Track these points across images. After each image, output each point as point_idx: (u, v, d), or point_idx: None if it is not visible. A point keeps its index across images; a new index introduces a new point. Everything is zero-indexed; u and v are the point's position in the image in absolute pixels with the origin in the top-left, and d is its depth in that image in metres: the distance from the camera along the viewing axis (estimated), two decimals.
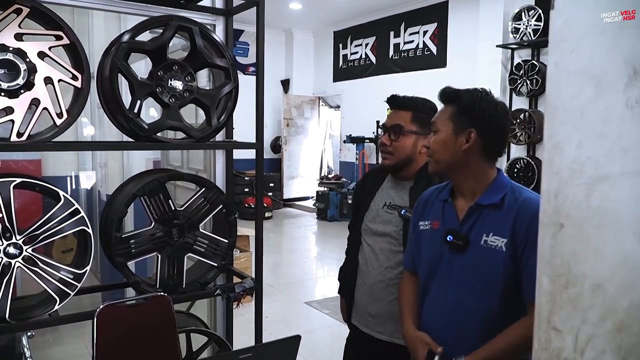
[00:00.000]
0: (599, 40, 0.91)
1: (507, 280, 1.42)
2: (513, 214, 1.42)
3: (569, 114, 0.93)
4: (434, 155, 1.54)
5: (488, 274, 1.44)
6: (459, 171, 1.52)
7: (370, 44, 9.63)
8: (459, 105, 1.50)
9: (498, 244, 1.42)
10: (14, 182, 1.84)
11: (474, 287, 1.47)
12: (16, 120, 1.80)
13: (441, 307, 1.54)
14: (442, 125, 1.52)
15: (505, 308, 1.43)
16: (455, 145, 1.49)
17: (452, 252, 1.51)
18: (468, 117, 1.48)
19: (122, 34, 2.05)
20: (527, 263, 1.39)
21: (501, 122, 1.51)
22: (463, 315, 1.48)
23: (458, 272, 1.50)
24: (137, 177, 2.36)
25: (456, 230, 1.50)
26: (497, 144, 1.52)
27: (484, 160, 1.51)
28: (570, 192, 0.92)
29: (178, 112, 2.14)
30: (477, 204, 1.49)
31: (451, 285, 1.51)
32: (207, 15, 2.52)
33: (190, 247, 2.28)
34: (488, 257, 1.44)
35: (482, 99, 1.49)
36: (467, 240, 1.47)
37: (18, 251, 1.87)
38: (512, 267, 1.41)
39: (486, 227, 1.46)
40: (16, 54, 1.78)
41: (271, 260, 6.66)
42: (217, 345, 2.53)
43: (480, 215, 1.48)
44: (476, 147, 1.48)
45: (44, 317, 1.98)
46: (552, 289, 0.93)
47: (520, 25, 5.99)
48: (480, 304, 1.45)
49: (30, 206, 4.02)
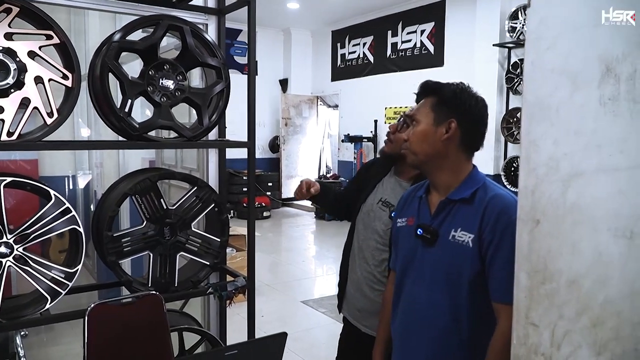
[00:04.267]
0: (574, 39, 0.92)
1: (473, 277, 1.41)
2: (481, 210, 1.42)
3: (545, 111, 0.94)
4: (413, 146, 1.53)
5: (455, 269, 1.44)
6: (436, 164, 1.52)
7: (368, 43, 9.63)
8: (440, 96, 1.51)
9: (465, 239, 1.42)
10: (5, 182, 1.84)
11: (442, 282, 1.47)
12: (6, 120, 1.81)
13: (413, 302, 1.54)
14: (422, 116, 1.53)
15: (472, 304, 1.43)
16: (435, 136, 1.49)
17: (423, 246, 1.51)
18: (448, 107, 1.49)
19: (113, 33, 2.05)
20: (492, 261, 1.38)
21: (480, 114, 1.51)
22: (432, 310, 1.48)
23: (428, 267, 1.50)
24: (129, 176, 2.36)
25: (426, 224, 1.51)
26: (476, 136, 1.52)
27: (461, 152, 1.51)
28: (547, 188, 0.93)
29: (169, 111, 2.14)
30: (448, 199, 1.49)
31: (423, 280, 1.51)
32: (200, 15, 2.53)
33: (183, 245, 2.28)
34: (455, 252, 1.44)
35: (463, 91, 1.50)
36: (437, 234, 1.47)
37: (9, 250, 1.87)
38: (479, 265, 1.40)
39: (455, 222, 1.46)
40: (6, 54, 1.78)
41: (269, 259, 6.67)
42: (210, 344, 2.53)
43: (451, 210, 1.48)
44: (455, 138, 1.48)
45: (35, 316, 1.98)
46: (529, 285, 0.94)
47: (516, 24, 6.00)
48: (448, 299, 1.45)
49: (26, 205, 4.02)
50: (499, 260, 1.35)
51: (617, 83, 0.84)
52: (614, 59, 0.85)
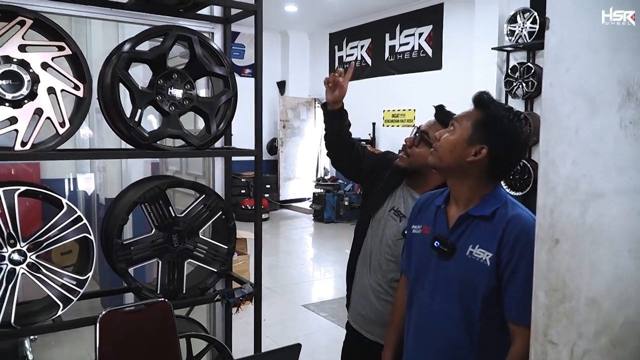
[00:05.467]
0: (593, 61, 0.94)
1: (488, 294, 1.41)
2: (501, 229, 1.40)
3: (564, 131, 0.96)
4: (440, 151, 1.50)
5: (469, 285, 1.44)
6: (457, 176, 1.50)
7: (365, 46, 9.66)
8: (485, 116, 1.46)
9: (483, 257, 1.41)
10: (19, 190, 1.86)
11: (455, 296, 1.47)
12: (20, 130, 1.82)
13: (426, 313, 1.54)
14: (461, 127, 1.48)
15: (485, 320, 1.43)
16: (464, 152, 1.45)
17: (438, 258, 1.51)
18: (487, 133, 1.44)
19: (122, 43, 2.07)
20: (510, 282, 1.37)
21: (517, 151, 1.47)
22: (444, 322, 1.49)
23: (442, 279, 1.50)
24: (138, 184, 2.38)
25: (443, 237, 1.50)
26: (503, 170, 1.51)
27: (485, 178, 1.48)
28: (566, 208, 0.95)
29: (178, 120, 2.16)
30: (468, 214, 1.48)
31: (436, 292, 1.51)
32: (206, 24, 2.54)
33: (190, 253, 2.30)
34: (471, 268, 1.43)
35: (510, 122, 1.44)
36: (454, 248, 1.47)
37: (22, 258, 1.89)
38: (495, 283, 1.40)
39: (473, 238, 1.45)
40: (20, 65, 1.79)
41: (268, 262, 6.68)
42: (217, 350, 2.55)
43: (470, 225, 1.47)
44: (481, 164, 1.45)
45: (48, 323, 2.00)
46: (547, 303, 0.96)
47: (515, 28, 6.03)
48: (461, 313, 1.45)
49: (30, 212, 4.04)
50: (517, 281, 1.35)
51: (638, 107, 0.86)
52: (635, 82, 0.87)
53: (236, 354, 2.64)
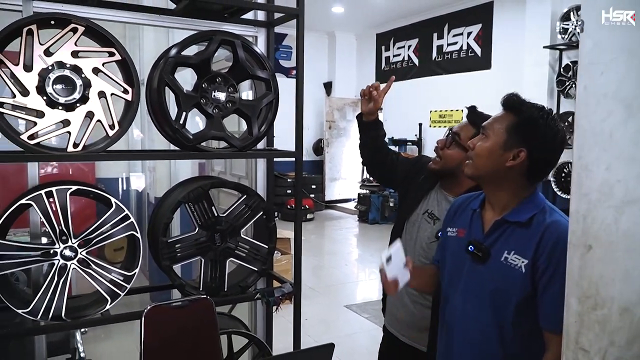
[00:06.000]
0: (629, 64, 0.92)
1: (521, 300, 1.39)
2: (538, 236, 1.38)
3: (598, 136, 0.94)
4: (476, 160, 1.48)
5: (503, 290, 1.42)
6: (494, 183, 1.48)
7: (412, 46, 9.58)
8: (519, 119, 1.43)
9: (518, 263, 1.39)
10: (70, 190, 1.96)
11: (488, 301, 1.45)
12: (72, 132, 1.92)
13: (458, 316, 1.53)
14: (494, 133, 1.45)
15: (517, 326, 1.41)
16: (501, 158, 1.43)
17: (472, 262, 1.49)
18: (524, 135, 1.41)
19: (169, 48, 2.15)
20: (546, 290, 1.35)
21: (555, 150, 1.44)
22: (476, 326, 1.48)
23: (475, 284, 1.48)
24: (183, 184, 2.46)
25: (478, 242, 1.48)
26: (544, 169, 1.47)
27: (524, 181, 1.45)
28: (599, 214, 0.93)
29: (221, 122, 2.23)
30: (504, 219, 1.45)
31: (468, 296, 1.50)
32: (250, 28, 2.60)
33: (232, 251, 2.36)
34: (505, 274, 1.41)
35: (544, 120, 1.41)
36: (488, 253, 1.45)
37: (73, 254, 1.99)
38: (530, 290, 1.38)
39: (509, 244, 1.43)
40: (73, 70, 1.89)
41: (312, 262, 6.73)
42: (257, 348, 2.60)
43: (505, 231, 1.45)
44: (520, 168, 1.42)
45: (97, 316, 2.10)
46: (580, 310, 0.94)
47: (568, 26, 5.85)
48: (493, 318, 1.44)
49: (85, 209, 4.24)
50: (553, 289, 1.32)
51: None
52: None
53: (276, 352, 2.69)
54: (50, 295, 1.96)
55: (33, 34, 1.84)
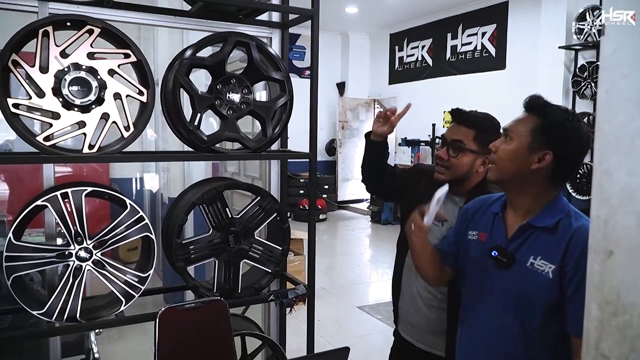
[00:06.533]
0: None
1: (548, 307, 1.37)
2: (565, 241, 1.36)
3: (620, 140, 0.92)
4: (499, 164, 1.45)
5: (528, 296, 1.40)
6: (519, 186, 1.45)
7: (426, 46, 9.53)
8: (544, 121, 1.40)
9: (545, 269, 1.37)
10: (86, 191, 1.98)
11: (513, 307, 1.43)
12: (88, 134, 1.94)
13: (479, 323, 1.51)
14: (518, 135, 1.42)
15: (544, 332, 1.39)
16: (526, 161, 1.40)
17: (495, 268, 1.47)
18: (549, 138, 1.39)
19: (184, 49, 2.15)
20: (576, 295, 1.32)
21: (581, 152, 1.41)
22: (501, 333, 1.45)
23: (499, 290, 1.46)
24: (197, 185, 2.47)
25: (502, 247, 1.46)
26: (568, 173, 1.45)
27: (549, 183, 1.43)
28: (620, 219, 0.91)
29: (235, 123, 2.23)
30: (529, 224, 1.43)
31: (492, 302, 1.48)
32: (264, 29, 2.60)
33: (246, 253, 2.36)
34: (532, 280, 1.39)
35: (571, 124, 1.40)
36: (513, 259, 1.43)
37: (88, 255, 2.00)
38: (557, 296, 1.36)
39: (535, 250, 1.41)
40: (88, 72, 1.91)
41: (325, 262, 6.72)
42: (270, 350, 2.60)
43: (531, 236, 1.43)
44: (546, 170, 1.40)
45: (111, 318, 2.11)
46: (600, 316, 0.93)
47: (584, 26, 5.78)
48: (519, 325, 1.42)
49: (99, 211, 4.28)
50: (582, 294, 1.31)
51: None
52: None
53: (290, 354, 2.68)
54: (65, 297, 1.98)
55: (49, 35, 1.85)
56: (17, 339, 2.24)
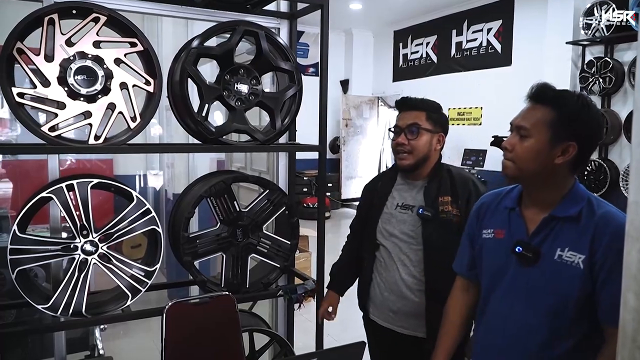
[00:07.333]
0: None
1: (581, 300, 1.32)
2: (591, 229, 1.31)
3: None
4: (519, 162, 1.39)
5: (560, 291, 1.35)
6: (541, 181, 1.40)
7: (431, 43, 9.46)
8: (562, 113, 1.35)
9: (575, 260, 1.32)
10: (92, 183, 1.93)
11: (541, 303, 1.38)
12: (94, 124, 1.89)
13: (503, 322, 1.46)
14: (536, 131, 1.36)
15: (576, 326, 1.34)
16: (549, 155, 1.35)
17: (519, 264, 1.42)
18: (570, 129, 1.34)
19: (191, 39, 2.11)
20: (607, 284, 1.28)
21: (601, 135, 1.40)
22: (526, 333, 1.40)
23: (525, 287, 1.41)
24: (204, 178, 2.42)
25: (526, 242, 1.41)
26: (589, 157, 1.41)
27: (570, 172, 1.39)
28: None
29: (244, 115, 2.18)
30: (553, 216, 1.38)
31: (516, 300, 1.42)
32: (272, 19, 2.56)
33: (254, 247, 2.31)
34: (562, 273, 1.34)
35: (590, 110, 1.36)
36: (539, 254, 1.38)
37: (94, 248, 1.96)
38: (589, 286, 1.31)
39: (561, 241, 1.35)
40: (94, 61, 1.86)
41: (329, 260, 6.61)
42: (278, 346, 2.56)
43: (554, 228, 1.38)
44: (570, 161, 1.36)
45: (117, 312, 2.06)
46: (637, 307, 0.88)
47: (592, 21, 5.71)
48: (548, 323, 1.37)
49: (102, 205, 4.24)
50: (615, 283, 1.26)
51: None
52: None
53: (297, 351, 2.64)
54: (70, 291, 1.93)
55: (54, 23, 1.81)
56: (21, 333, 2.19)
